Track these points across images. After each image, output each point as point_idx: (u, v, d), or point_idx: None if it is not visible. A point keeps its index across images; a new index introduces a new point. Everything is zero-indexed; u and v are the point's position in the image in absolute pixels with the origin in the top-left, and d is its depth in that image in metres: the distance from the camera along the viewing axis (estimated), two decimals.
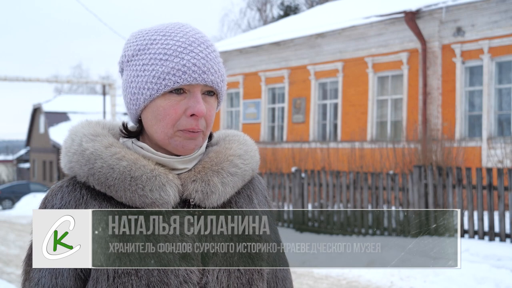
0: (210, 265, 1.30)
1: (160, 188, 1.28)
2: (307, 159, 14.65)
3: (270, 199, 1.53)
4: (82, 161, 1.30)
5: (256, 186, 1.48)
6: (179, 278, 1.26)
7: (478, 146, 13.68)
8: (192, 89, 1.29)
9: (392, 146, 12.65)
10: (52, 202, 1.31)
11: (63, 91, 62.20)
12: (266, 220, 1.44)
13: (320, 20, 18.59)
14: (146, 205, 1.28)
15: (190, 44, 1.30)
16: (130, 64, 1.34)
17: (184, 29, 1.33)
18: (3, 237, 14.74)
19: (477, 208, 9.71)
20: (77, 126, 1.38)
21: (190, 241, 1.29)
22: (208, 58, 1.31)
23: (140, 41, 1.33)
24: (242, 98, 19.86)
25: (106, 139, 1.33)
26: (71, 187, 1.32)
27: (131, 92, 1.33)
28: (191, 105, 1.29)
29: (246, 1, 41.61)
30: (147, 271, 1.25)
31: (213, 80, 1.31)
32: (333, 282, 8.04)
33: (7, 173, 50.01)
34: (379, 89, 16.05)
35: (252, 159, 1.44)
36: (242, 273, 1.34)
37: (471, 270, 7.68)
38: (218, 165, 1.37)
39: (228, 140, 1.46)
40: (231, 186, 1.37)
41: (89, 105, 40.54)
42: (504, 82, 13.69)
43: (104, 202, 1.29)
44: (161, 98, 1.29)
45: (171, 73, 1.27)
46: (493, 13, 13.52)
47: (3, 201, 30.06)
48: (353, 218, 11.61)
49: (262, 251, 1.38)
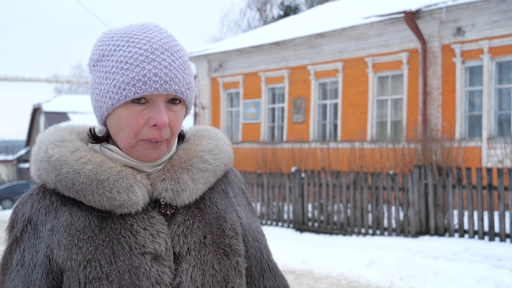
0: (184, 264, 1.28)
1: (128, 189, 1.26)
2: (307, 159, 14.65)
3: (247, 191, 1.50)
4: (49, 168, 1.28)
5: (232, 180, 1.46)
6: (151, 279, 1.24)
7: (478, 146, 13.68)
8: (154, 99, 1.26)
9: (392, 146, 12.64)
10: (23, 211, 1.30)
11: (63, 91, 62.23)
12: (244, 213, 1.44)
13: (320, 20, 18.58)
14: (115, 207, 1.26)
15: (152, 52, 1.26)
16: (95, 69, 1.32)
17: (149, 34, 1.29)
18: (3, 237, 14.74)
19: (477, 208, 9.71)
20: (45, 133, 1.37)
21: (161, 242, 1.27)
22: (171, 66, 1.26)
23: (105, 46, 1.31)
24: (242, 98, 19.86)
25: (72, 144, 1.31)
26: (41, 195, 1.30)
27: (95, 99, 1.31)
28: (153, 115, 1.25)
29: (246, 1, 41.63)
30: (118, 274, 1.23)
31: (177, 90, 1.27)
32: (333, 282, 8.04)
33: (7, 173, 49.97)
34: (379, 89, 16.05)
35: (224, 154, 1.41)
36: (217, 271, 1.31)
37: (471, 270, 7.68)
38: (187, 162, 1.34)
39: (198, 136, 1.42)
40: (202, 182, 1.34)
41: (89, 105, 40.37)
42: (504, 82, 13.69)
43: (74, 208, 1.28)
44: (123, 108, 1.26)
45: (131, 83, 1.24)
46: (493, 13, 13.52)
47: (3, 201, 30.07)
48: (353, 218, 11.61)
49: (237, 246, 1.36)
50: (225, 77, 20.37)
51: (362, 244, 10.15)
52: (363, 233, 11.35)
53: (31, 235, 1.28)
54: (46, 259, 1.25)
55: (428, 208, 10.44)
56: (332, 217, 12.00)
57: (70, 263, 1.24)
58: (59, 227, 1.26)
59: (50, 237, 1.26)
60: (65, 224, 1.26)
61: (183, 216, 1.32)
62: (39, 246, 1.27)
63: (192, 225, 1.32)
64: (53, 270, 1.26)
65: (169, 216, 1.32)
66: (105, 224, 1.27)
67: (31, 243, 1.28)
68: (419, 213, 10.49)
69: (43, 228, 1.27)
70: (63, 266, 1.24)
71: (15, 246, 1.30)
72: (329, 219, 12.08)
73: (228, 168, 1.46)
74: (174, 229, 1.30)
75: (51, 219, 1.28)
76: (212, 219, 1.35)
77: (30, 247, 1.28)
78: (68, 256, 1.24)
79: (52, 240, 1.26)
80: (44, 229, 1.27)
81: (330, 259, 9.03)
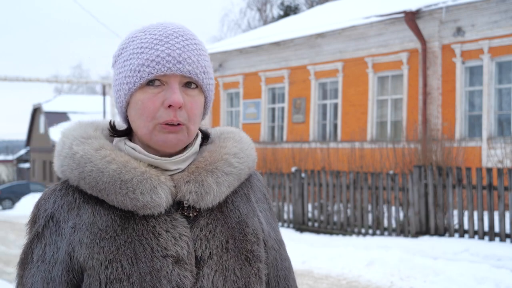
0: (205, 269, 1.26)
1: (151, 190, 1.25)
2: (307, 159, 14.65)
3: (269, 197, 1.49)
4: (73, 165, 1.28)
5: (254, 184, 1.44)
6: (172, 283, 1.23)
7: (478, 146, 13.68)
8: (169, 80, 1.26)
9: (392, 146, 12.64)
10: (45, 206, 1.30)
11: (63, 91, 62.24)
12: (264, 219, 1.42)
13: (320, 20, 18.58)
14: (138, 208, 1.25)
15: (166, 36, 1.28)
16: (116, 64, 1.34)
17: (165, 24, 1.32)
18: (3, 237, 14.74)
19: (477, 208, 9.71)
20: (69, 128, 1.36)
21: (184, 245, 1.26)
22: (185, 48, 1.27)
23: (124, 41, 1.33)
24: (242, 98, 19.86)
25: (97, 142, 1.30)
26: (64, 191, 1.30)
27: (115, 90, 1.32)
28: (167, 96, 1.25)
29: (246, 1, 41.63)
30: (139, 276, 1.22)
31: (191, 71, 1.27)
32: (333, 282, 8.04)
33: (7, 173, 50.00)
34: (379, 89, 16.05)
35: (248, 158, 1.39)
36: (238, 277, 1.29)
37: (471, 270, 7.68)
38: (212, 165, 1.32)
39: (223, 138, 1.40)
40: (226, 186, 1.32)
41: (89, 105, 40.55)
42: (504, 82, 13.69)
43: (96, 206, 1.27)
44: (140, 92, 1.27)
45: (145, 65, 1.25)
46: (493, 13, 13.52)
47: (3, 201, 30.06)
48: (353, 218, 11.61)
49: (259, 252, 1.34)
50: (225, 77, 20.37)
51: (362, 244, 10.14)
52: (363, 233, 11.35)
53: (53, 232, 1.27)
54: (67, 256, 1.24)
55: (428, 208, 10.44)
56: (332, 217, 12.00)
57: (92, 262, 1.23)
58: (81, 225, 1.25)
59: (72, 235, 1.25)
60: (87, 222, 1.25)
61: (206, 220, 1.31)
62: (60, 243, 1.26)
63: (214, 229, 1.30)
64: (74, 268, 1.25)
65: (191, 219, 1.30)
66: (128, 225, 1.26)
67: (52, 240, 1.27)
68: (419, 213, 10.49)
69: (65, 225, 1.27)
70: (84, 264, 1.23)
71: (36, 242, 1.29)
72: (329, 219, 12.08)
73: (251, 172, 1.43)
74: (196, 233, 1.29)
75: (73, 216, 1.27)
76: (234, 223, 1.33)
77: (52, 243, 1.27)
78: (90, 255, 1.23)
79: (74, 237, 1.25)
80: (66, 226, 1.26)
81: (330, 259, 9.03)
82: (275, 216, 1.49)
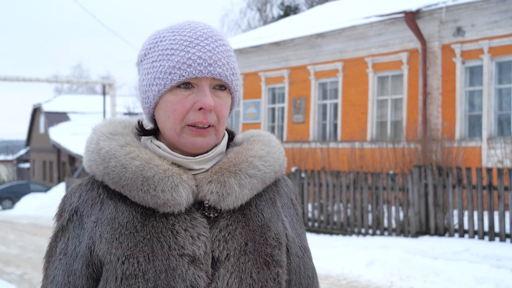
0: (221, 270, 1.26)
1: (172, 188, 1.25)
2: (307, 159, 14.65)
3: (298, 202, 1.46)
4: (98, 160, 1.30)
5: (281, 189, 1.42)
6: (186, 282, 1.23)
7: (478, 146, 13.68)
8: (200, 83, 1.27)
9: (392, 146, 12.65)
10: (71, 200, 1.32)
11: (63, 91, 62.21)
12: (289, 224, 1.39)
13: (320, 20, 18.58)
14: (159, 205, 1.25)
15: (196, 38, 1.28)
16: (142, 64, 1.34)
17: (194, 25, 1.32)
18: (3, 237, 14.73)
19: (477, 208, 9.71)
20: (99, 124, 1.38)
21: (201, 245, 1.26)
22: (215, 51, 1.28)
23: (151, 40, 1.33)
24: (242, 98, 19.86)
25: (123, 138, 1.32)
26: (89, 186, 1.32)
27: (143, 91, 1.33)
28: (198, 98, 1.26)
29: (246, 1, 41.62)
30: (154, 274, 1.22)
31: (221, 73, 1.28)
32: (333, 282, 8.03)
33: (7, 173, 49.99)
34: (379, 89, 16.05)
35: (275, 161, 1.38)
36: (255, 280, 1.28)
37: (471, 270, 7.67)
38: (236, 166, 1.32)
39: (252, 140, 1.41)
40: (249, 188, 1.31)
41: (89, 105, 40.53)
42: (504, 82, 13.69)
43: (119, 202, 1.28)
44: (169, 94, 1.28)
45: (177, 67, 1.26)
46: (493, 13, 13.52)
47: (3, 201, 30.07)
48: (353, 218, 11.61)
49: (279, 257, 1.32)
50: None
51: (362, 244, 10.14)
52: (363, 233, 11.35)
53: (76, 225, 1.30)
54: (87, 250, 1.27)
55: (428, 208, 10.44)
56: (332, 217, 12.00)
57: (110, 257, 1.24)
58: (103, 219, 1.27)
59: (94, 229, 1.27)
60: (109, 217, 1.27)
61: (226, 221, 1.30)
62: (82, 237, 1.28)
63: (234, 231, 1.29)
64: (94, 262, 1.27)
65: (212, 219, 1.30)
66: (148, 222, 1.26)
67: (75, 233, 1.29)
68: (419, 213, 10.49)
69: (87, 219, 1.29)
70: (103, 259, 1.25)
71: (61, 235, 1.31)
72: (329, 219, 12.08)
73: (279, 176, 1.42)
74: (215, 233, 1.28)
75: (96, 211, 1.29)
76: (256, 226, 1.32)
77: (74, 237, 1.29)
78: (108, 250, 1.24)
79: (95, 232, 1.27)
80: (88, 220, 1.28)
81: (330, 259, 9.03)
82: (302, 223, 1.46)
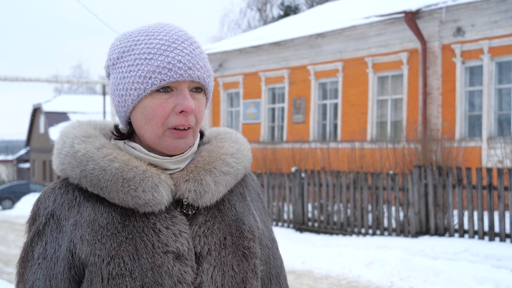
0: (204, 264, 1.30)
1: (153, 188, 1.27)
2: (307, 159, 14.65)
3: (263, 196, 1.53)
4: (74, 163, 1.29)
5: (249, 184, 1.48)
6: (173, 278, 1.25)
7: (478, 146, 13.68)
8: (179, 86, 1.29)
9: (392, 146, 12.64)
10: (45, 204, 1.31)
11: (63, 91, 62.23)
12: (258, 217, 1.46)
13: (320, 20, 18.58)
14: (139, 205, 1.27)
15: (173, 41, 1.30)
16: (115, 67, 1.34)
17: (166, 28, 1.33)
18: (3, 237, 14.74)
19: (477, 208, 9.71)
20: (69, 127, 1.37)
21: (184, 241, 1.29)
22: (193, 54, 1.30)
23: (124, 43, 1.33)
24: (242, 98, 19.86)
25: (98, 141, 1.32)
26: (63, 189, 1.31)
27: (118, 95, 1.32)
28: (179, 102, 1.28)
29: (246, 1, 41.62)
30: (141, 272, 1.24)
31: (200, 76, 1.30)
32: (333, 282, 8.04)
33: (7, 173, 50.00)
34: (379, 89, 16.05)
35: (245, 158, 1.43)
36: (236, 272, 1.33)
37: (471, 270, 7.68)
38: (211, 164, 1.36)
39: (220, 138, 1.44)
40: (224, 185, 1.36)
41: (89, 105, 40.54)
42: (504, 82, 13.69)
43: (97, 204, 1.28)
44: (149, 98, 1.29)
45: (157, 71, 1.27)
46: (493, 13, 13.52)
47: (3, 201, 30.07)
48: (353, 218, 11.61)
49: (255, 249, 1.38)
50: (225, 77, 20.37)
51: (362, 244, 10.14)
52: (363, 233, 11.35)
53: (54, 229, 1.29)
54: (69, 253, 1.26)
55: (428, 208, 10.44)
56: (332, 217, 12.00)
57: (93, 259, 1.24)
58: (82, 222, 1.27)
59: (73, 232, 1.27)
60: (88, 220, 1.27)
61: (204, 217, 1.34)
62: (61, 240, 1.28)
63: (212, 226, 1.34)
64: (76, 265, 1.26)
65: (190, 216, 1.33)
66: (128, 222, 1.28)
67: (53, 237, 1.28)
68: (419, 213, 10.49)
69: (66, 222, 1.28)
70: (85, 261, 1.25)
71: (37, 239, 1.30)
72: (329, 219, 12.08)
73: (247, 172, 1.47)
74: (195, 230, 1.32)
75: (74, 214, 1.28)
76: (231, 221, 1.37)
77: (53, 240, 1.28)
78: (92, 252, 1.25)
79: (75, 234, 1.26)
80: (67, 223, 1.28)
81: (330, 259, 9.03)
82: (268, 215, 1.53)
